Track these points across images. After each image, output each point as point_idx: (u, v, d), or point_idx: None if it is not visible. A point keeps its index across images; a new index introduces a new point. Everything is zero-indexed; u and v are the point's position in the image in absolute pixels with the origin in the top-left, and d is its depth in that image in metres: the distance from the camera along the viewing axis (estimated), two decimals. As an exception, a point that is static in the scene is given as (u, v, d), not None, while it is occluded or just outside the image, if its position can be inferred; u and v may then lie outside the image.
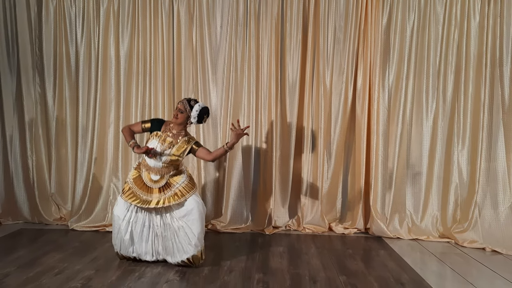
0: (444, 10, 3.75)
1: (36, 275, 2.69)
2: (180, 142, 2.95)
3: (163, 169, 2.91)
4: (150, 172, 2.93)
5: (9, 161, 4.05)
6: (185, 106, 2.92)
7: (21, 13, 3.96)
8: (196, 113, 2.93)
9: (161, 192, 2.89)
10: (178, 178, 2.95)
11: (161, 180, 2.91)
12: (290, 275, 2.78)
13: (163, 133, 2.96)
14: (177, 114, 2.94)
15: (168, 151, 2.90)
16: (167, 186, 2.91)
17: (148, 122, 3.05)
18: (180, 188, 2.90)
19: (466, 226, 3.63)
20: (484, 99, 3.65)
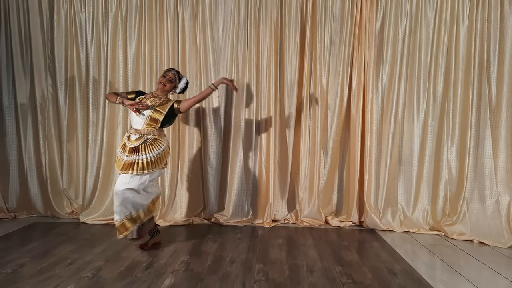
0: (434, 14, 3.74)
1: (49, 265, 2.70)
2: (162, 100, 3.04)
3: (143, 129, 2.94)
4: (131, 133, 2.96)
5: (23, 158, 4.06)
6: (175, 77, 3.08)
7: (34, 18, 3.96)
8: (184, 85, 3.13)
9: (130, 153, 2.88)
10: (153, 149, 2.92)
11: (139, 139, 2.92)
12: (288, 265, 2.79)
13: (145, 96, 3.05)
14: (166, 82, 3.04)
15: (149, 109, 2.94)
16: (138, 149, 2.89)
17: (133, 93, 3.12)
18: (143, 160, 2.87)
19: (455, 220, 3.63)
20: (472, 99, 3.64)
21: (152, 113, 2.95)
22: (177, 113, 3.09)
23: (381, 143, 3.84)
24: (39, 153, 4.05)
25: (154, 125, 2.98)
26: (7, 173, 4.06)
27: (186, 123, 3.96)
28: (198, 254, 2.98)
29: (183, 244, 3.23)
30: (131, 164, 2.88)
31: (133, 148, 2.90)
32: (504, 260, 3.04)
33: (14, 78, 4.01)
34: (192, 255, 2.97)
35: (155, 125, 2.98)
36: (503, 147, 3.55)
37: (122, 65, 3.92)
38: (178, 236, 3.45)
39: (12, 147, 4.05)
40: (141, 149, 2.90)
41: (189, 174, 3.98)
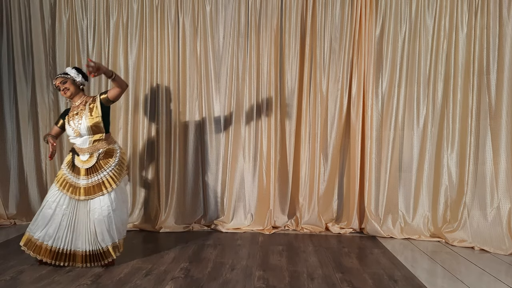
0: (433, 22, 3.77)
1: (49, 272, 2.70)
2: (87, 105, 2.82)
3: (92, 146, 2.79)
4: (80, 153, 2.81)
5: (24, 165, 4.07)
6: (62, 76, 2.82)
7: (36, 25, 4.00)
8: (73, 71, 2.84)
9: (89, 175, 2.75)
10: (109, 161, 2.80)
11: (90, 159, 2.78)
12: (289, 272, 2.78)
13: (68, 114, 2.85)
14: (63, 88, 2.80)
15: (81, 120, 2.76)
16: (96, 169, 2.76)
17: (59, 119, 2.98)
18: (107, 177, 2.76)
19: (456, 226, 3.62)
20: (472, 106, 3.66)
21: (89, 122, 2.76)
22: (109, 104, 2.86)
23: (381, 149, 3.85)
24: (40, 159, 4.06)
25: (99, 135, 2.82)
26: (7, 179, 4.07)
27: (185, 129, 3.98)
28: (198, 261, 2.98)
29: (183, 251, 3.23)
30: (97, 186, 2.75)
31: (87, 169, 2.77)
32: (504, 267, 3.03)
33: (15, 85, 4.04)
34: (192, 261, 2.96)
35: (101, 135, 2.82)
36: (503, 154, 3.55)
37: (123, 71, 3.94)
38: (178, 243, 3.44)
39: (13, 154, 4.07)
40: (97, 167, 2.78)
41: (189, 180, 3.99)
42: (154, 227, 3.83)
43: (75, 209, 2.78)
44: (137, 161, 3.96)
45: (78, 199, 2.77)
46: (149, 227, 3.85)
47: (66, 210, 2.76)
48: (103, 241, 2.74)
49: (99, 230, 2.73)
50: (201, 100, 3.97)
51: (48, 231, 2.75)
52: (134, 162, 3.96)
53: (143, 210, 3.97)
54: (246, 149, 3.97)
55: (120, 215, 2.84)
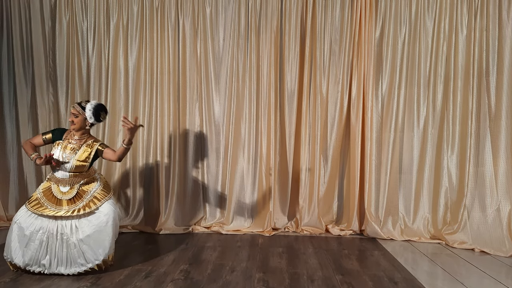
0: (433, 24, 3.78)
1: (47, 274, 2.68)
2: (84, 146, 2.78)
3: (71, 179, 2.73)
4: (59, 184, 2.72)
5: (23, 167, 4.07)
6: (78, 109, 2.77)
7: (36, 27, 4.00)
8: (90, 112, 2.77)
9: (71, 204, 2.67)
10: (91, 186, 2.77)
11: (71, 191, 2.71)
12: (289, 274, 2.78)
13: (64, 141, 2.78)
14: (72, 120, 2.78)
15: (71, 157, 2.72)
16: (78, 197, 2.70)
17: (49, 132, 2.87)
18: (95, 194, 2.72)
19: (456, 228, 3.62)
20: (471, 108, 3.67)
21: (76, 163, 2.72)
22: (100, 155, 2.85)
23: (381, 151, 3.86)
24: (39, 161, 4.06)
25: (82, 170, 2.77)
26: (7, 181, 4.08)
27: (185, 131, 3.98)
28: (198, 263, 2.98)
29: (182, 253, 3.22)
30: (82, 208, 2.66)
31: (69, 200, 2.69)
32: (505, 269, 3.03)
33: (15, 87, 4.04)
34: (191, 263, 2.96)
35: (83, 170, 2.77)
36: (503, 156, 3.56)
37: (123, 73, 3.95)
38: (177, 245, 3.44)
39: (12, 155, 4.07)
40: (79, 196, 2.71)
41: (189, 182, 4.00)
42: (154, 229, 3.83)
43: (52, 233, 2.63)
44: (137, 162, 3.96)
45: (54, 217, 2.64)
46: (149, 229, 3.85)
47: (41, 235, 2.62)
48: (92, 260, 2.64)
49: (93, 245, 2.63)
50: (201, 101, 3.97)
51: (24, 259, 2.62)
52: (134, 164, 3.96)
53: (143, 212, 3.97)
54: (246, 151, 3.98)
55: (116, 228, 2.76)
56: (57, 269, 2.64)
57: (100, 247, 2.64)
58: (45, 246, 2.63)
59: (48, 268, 2.64)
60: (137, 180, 3.97)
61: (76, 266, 2.65)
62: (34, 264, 2.64)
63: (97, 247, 2.64)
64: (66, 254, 2.64)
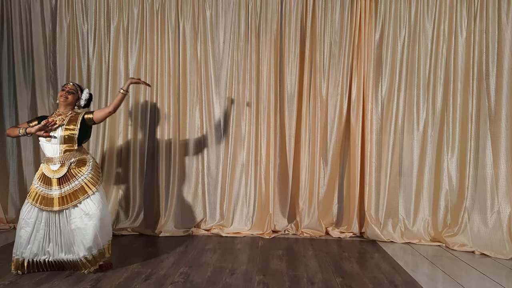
0: (432, 26, 3.79)
1: (48, 276, 2.69)
2: (69, 115, 2.79)
3: (63, 156, 2.71)
4: (49, 163, 2.72)
5: (23, 169, 4.07)
6: (77, 88, 2.90)
7: (36, 29, 4.01)
8: (87, 95, 2.92)
9: (61, 185, 2.68)
10: (82, 169, 2.74)
11: (61, 168, 2.70)
12: (289, 277, 2.77)
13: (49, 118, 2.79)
14: (67, 95, 2.81)
15: (58, 130, 2.71)
16: (68, 178, 2.69)
17: (35, 119, 2.89)
18: (82, 183, 2.71)
19: (456, 230, 3.62)
20: (471, 110, 3.67)
21: (64, 132, 2.72)
22: (91, 124, 2.86)
23: (381, 153, 3.86)
24: (39, 163, 4.03)
25: (71, 146, 2.75)
26: (7, 183, 4.08)
27: (186, 133, 3.99)
28: (198, 265, 2.97)
29: (182, 255, 3.22)
30: (73, 193, 2.68)
31: (59, 179, 2.69)
32: (505, 271, 3.02)
33: (15, 89, 4.05)
34: (191, 266, 2.96)
35: (72, 146, 2.75)
36: (503, 158, 3.56)
37: (123, 76, 3.96)
38: (177, 247, 3.44)
39: (12, 158, 4.07)
40: (69, 177, 2.71)
41: (189, 184, 4.00)
42: (153, 231, 3.83)
43: (51, 221, 2.72)
44: (137, 165, 3.96)
45: (51, 211, 2.69)
46: (149, 231, 3.85)
47: (43, 224, 2.71)
48: (88, 249, 2.67)
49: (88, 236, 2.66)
50: (201, 103, 3.98)
51: (32, 250, 2.71)
52: (134, 166, 3.96)
53: (143, 214, 3.96)
54: (246, 153, 3.98)
55: (106, 217, 2.80)
56: (59, 255, 2.74)
57: (83, 244, 2.68)
58: (47, 234, 2.73)
59: (52, 255, 2.74)
60: (137, 182, 3.96)
61: (70, 253, 2.73)
62: (41, 253, 2.73)
63: (81, 242, 2.68)
64: (63, 241, 2.73)
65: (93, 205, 2.71)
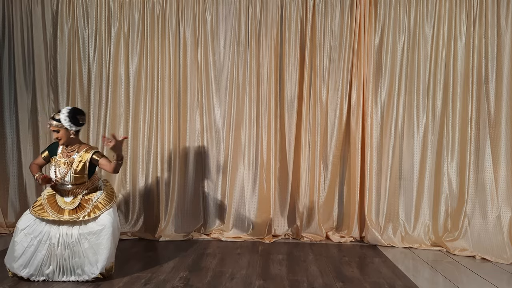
0: (432, 31, 3.80)
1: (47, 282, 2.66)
2: (76, 157, 2.72)
3: (74, 190, 2.72)
4: (62, 194, 2.72)
5: (23, 173, 4.06)
6: (55, 124, 2.67)
7: (37, 34, 4.02)
8: (67, 121, 2.66)
9: (73, 214, 2.64)
10: (94, 194, 2.74)
11: (74, 200, 2.69)
12: (289, 281, 2.76)
13: (58, 157, 2.74)
14: (57, 137, 2.70)
15: (68, 172, 2.69)
16: (81, 208, 2.67)
17: (45, 150, 2.83)
18: (96, 203, 2.69)
19: (457, 235, 3.61)
20: (471, 114, 3.67)
21: (74, 176, 2.70)
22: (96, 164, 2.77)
23: (381, 157, 3.85)
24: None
25: (83, 181, 2.74)
26: (7, 187, 4.06)
27: (186, 138, 3.98)
28: (198, 270, 2.96)
29: (182, 260, 3.20)
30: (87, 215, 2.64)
31: (72, 210, 2.67)
32: (506, 276, 3.01)
33: (16, 93, 4.04)
34: (191, 271, 2.94)
35: (84, 181, 2.74)
36: (503, 162, 3.56)
37: (124, 80, 3.96)
38: (177, 252, 3.42)
39: (12, 162, 4.06)
40: (83, 205, 2.69)
41: (189, 188, 3.98)
42: (153, 235, 3.81)
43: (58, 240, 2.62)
44: (137, 169, 3.95)
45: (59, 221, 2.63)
46: (148, 235, 3.83)
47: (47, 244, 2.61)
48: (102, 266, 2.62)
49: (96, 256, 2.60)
50: (201, 108, 3.98)
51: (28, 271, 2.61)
52: (134, 170, 3.95)
53: (143, 219, 3.95)
54: (246, 157, 3.97)
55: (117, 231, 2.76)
56: (59, 277, 2.65)
57: (96, 262, 2.60)
58: (49, 256, 2.62)
59: (51, 277, 2.65)
60: (137, 187, 3.96)
61: (75, 276, 2.64)
62: (39, 275, 2.63)
63: (94, 261, 2.60)
64: (67, 264, 2.63)
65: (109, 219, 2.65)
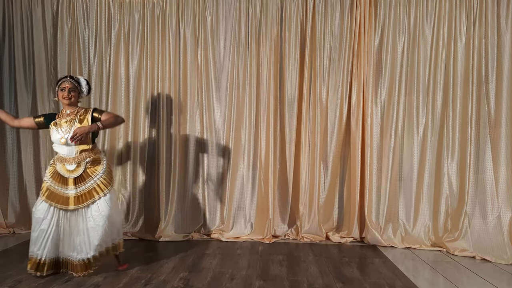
0: (432, 32, 3.80)
1: (47, 281, 2.67)
2: (78, 114, 2.81)
3: (79, 156, 2.74)
4: (65, 163, 2.75)
5: (23, 174, 4.07)
6: (74, 84, 2.81)
7: (37, 34, 4.02)
8: (86, 85, 2.88)
9: (77, 184, 2.73)
10: (97, 169, 2.78)
11: (77, 168, 2.74)
12: (289, 282, 2.76)
13: (58, 121, 2.80)
14: (70, 95, 2.77)
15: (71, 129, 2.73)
16: (84, 178, 2.74)
17: (40, 116, 2.90)
18: (97, 183, 2.75)
19: (457, 235, 3.60)
20: (471, 115, 3.67)
21: None
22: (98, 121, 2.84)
23: (381, 158, 3.85)
24: (39, 168, 4.06)
25: (86, 145, 2.78)
26: (7, 188, 4.07)
27: (186, 138, 3.98)
28: (198, 270, 2.96)
29: (182, 260, 3.20)
30: (89, 193, 2.73)
31: (75, 179, 2.74)
32: (506, 276, 3.01)
33: (16, 93, 4.05)
34: (191, 271, 2.94)
35: (87, 145, 2.79)
36: (503, 163, 3.56)
37: (124, 81, 3.96)
38: (177, 252, 3.42)
39: (12, 162, 4.06)
40: (85, 176, 2.75)
41: (189, 189, 3.98)
42: (153, 236, 3.81)
43: (65, 219, 2.76)
44: (138, 169, 3.95)
45: (67, 209, 2.73)
46: (148, 236, 3.83)
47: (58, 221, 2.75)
48: (101, 245, 2.74)
49: (97, 235, 2.71)
50: (201, 109, 3.98)
51: (48, 248, 2.73)
52: (135, 171, 3.96)
53: (143, 219, 3.95)
54: (246, 158, 3.97)
55: (119, 216, 2.91)
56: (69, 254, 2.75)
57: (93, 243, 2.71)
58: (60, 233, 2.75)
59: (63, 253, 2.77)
60: (137, 187, 3.96)
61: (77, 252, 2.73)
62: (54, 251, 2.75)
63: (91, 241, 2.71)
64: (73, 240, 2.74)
65: (105, 205, 2.75)
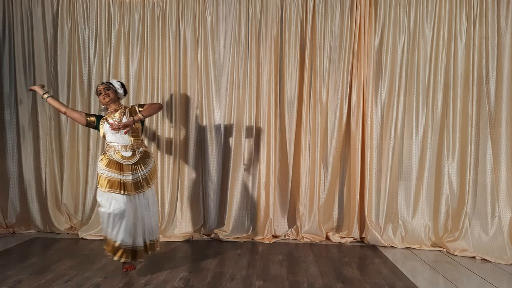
0: (432, 32, 3.79)
1: (47, 281, 2.68)
2: (126, 110, 2.96)
3: (133, 144, 2.89)
4: (121, 150, 2.85)
5: (23, 174, 4.07)
6: (107, 84, 2.97)
7: (38, 35, 4.03)
8: (120, 85, 3.04)
9: (133, 171, 2.84)
10: (147, 161, 2.94)
11: (133, 156, 2.87)
12: (289, 282, 2.76)
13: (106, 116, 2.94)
14: (107, 93, 2.91)
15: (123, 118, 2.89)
16: (138, 166, 2.86)
17: (93, 115, 3.02)
18: (148, 174, 2.92)
19: (457, 236, 3.60)
20: (471, 115, 3.67)
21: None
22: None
23: (381, 158, 3.85)
24: (39, 168, 4.06)
25: (138, 137, 2.94)
26: (7, 188, 4.07)
27: (186, 138, 3.98)
28: (198, 271, 2.96)
29: (182, 260, 3.21)
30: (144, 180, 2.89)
31: (132, 166, 2.85)
32: (506, 277, 3.00)
33: (16, 94, 4.05)
34: (191, 271, 2.94)
35: (138, 137, 2.95)
36: (503, 163, 3.55)
37: (124, 81, 3.96)
38: (177, 252, 3.43)
39: (13, 162, 4.07)
40: (138, 166, 2.88)
41: (190, 189, 3.98)
42: (153, 236, 3.81)
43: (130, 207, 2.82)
44: (137, 170, 3.95)
45: (129, 194, 2.81)
46: (148, 236, 3.83)
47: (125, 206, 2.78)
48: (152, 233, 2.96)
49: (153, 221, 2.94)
50: (201, 109, 3.98)
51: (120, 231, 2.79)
52: (134, 171, 3.95)
53: (143, 219, 3.95)
54: (246, 158, 3.97)
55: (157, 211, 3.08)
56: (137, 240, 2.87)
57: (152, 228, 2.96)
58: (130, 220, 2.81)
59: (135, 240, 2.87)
60: (137, 187, 3.95)
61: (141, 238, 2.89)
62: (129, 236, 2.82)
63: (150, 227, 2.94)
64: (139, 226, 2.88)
65: (153, 195, 2.97)
